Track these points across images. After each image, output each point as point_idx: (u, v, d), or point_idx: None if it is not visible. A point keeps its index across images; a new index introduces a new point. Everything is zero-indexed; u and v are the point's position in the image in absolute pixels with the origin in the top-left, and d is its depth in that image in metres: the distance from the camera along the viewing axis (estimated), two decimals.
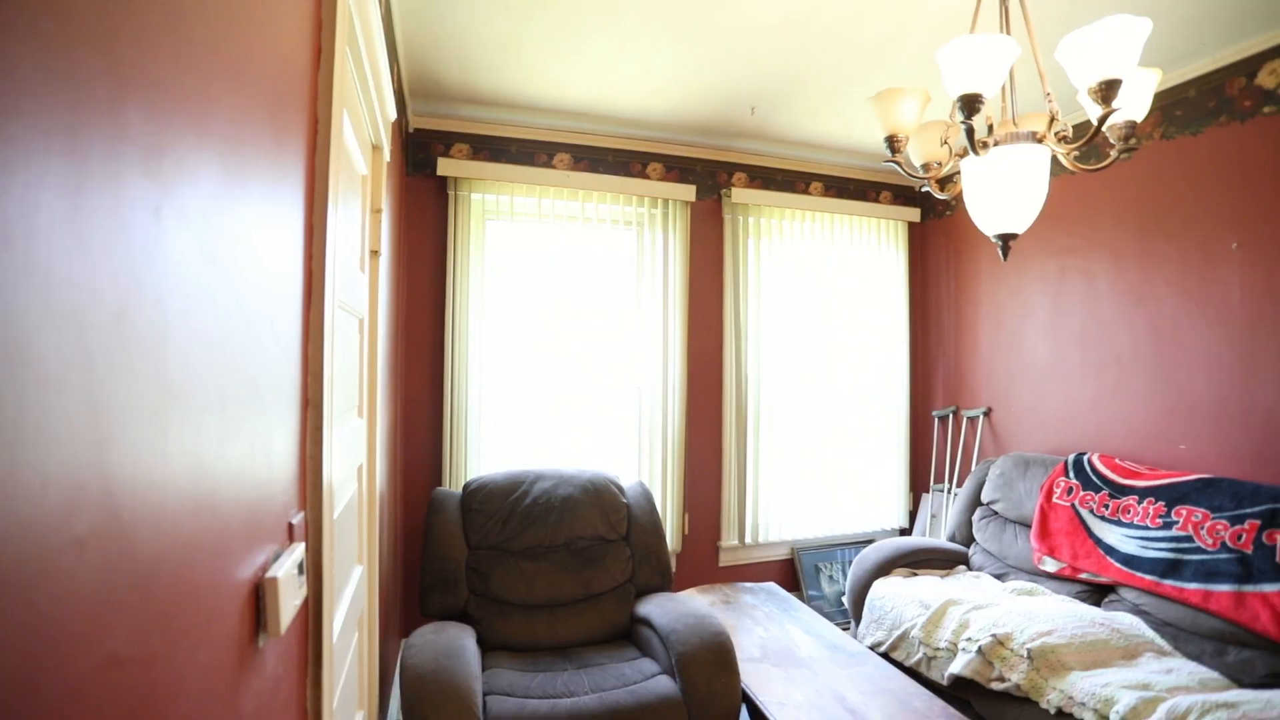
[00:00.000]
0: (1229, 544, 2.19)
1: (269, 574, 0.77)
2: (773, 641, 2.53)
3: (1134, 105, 1.47)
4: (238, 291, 0.69)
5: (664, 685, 2.11)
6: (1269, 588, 2.05)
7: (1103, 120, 1.31)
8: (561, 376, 3.33)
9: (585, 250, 3.37)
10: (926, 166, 1.68)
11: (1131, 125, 1.50)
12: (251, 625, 0.73)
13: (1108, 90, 1.27)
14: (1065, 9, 2.16)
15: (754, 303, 3.65)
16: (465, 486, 2.74)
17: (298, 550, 0.89)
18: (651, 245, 3.47)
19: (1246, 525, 2.17)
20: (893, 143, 1.52)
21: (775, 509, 3.71)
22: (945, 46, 1.35)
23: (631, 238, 3.49)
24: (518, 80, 2.81)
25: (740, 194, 3.60)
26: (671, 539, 3.46)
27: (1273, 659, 2.04)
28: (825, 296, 3.83)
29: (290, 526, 0.90)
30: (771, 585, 3.10)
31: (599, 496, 2.74)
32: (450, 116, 3.17)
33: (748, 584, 3.15)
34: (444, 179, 3.18)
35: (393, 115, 1.86)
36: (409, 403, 3.16)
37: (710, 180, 3.66)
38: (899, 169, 1.57)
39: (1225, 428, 2.55)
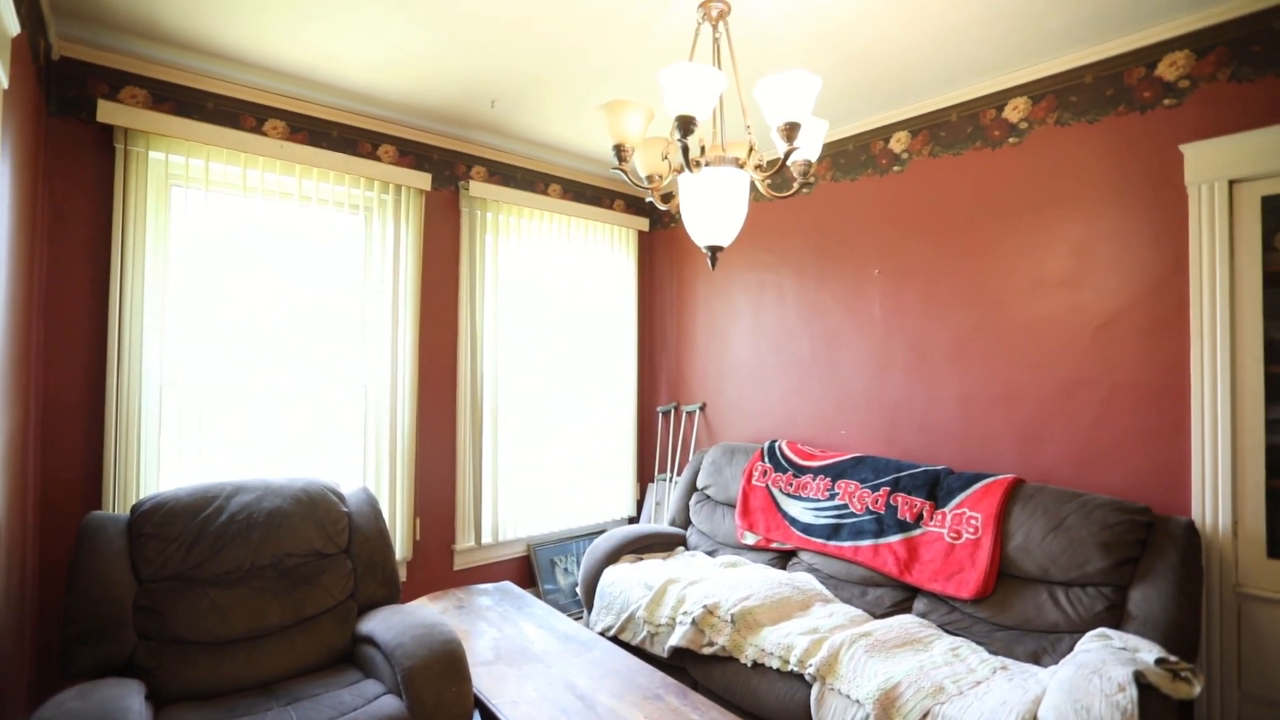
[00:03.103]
0: (870, 508, 2.76)
1: None
2: (506, 641, 2.52)
3: (809, 147, 1.77)
4: None
5: (388, 706, 1.96)
6: (893, 538, 2.63)
7: (787, 155, 1.55)
8: (274, 374, 2.91)
9: (303, 233, 2.99)
10: (650, 178, 1.82)
11: (808, 163, 1.81)
12: None
13: (790, 130, 1.50)
14: (763, 57, 2.53)
15: (491, 299, 3.60)
16: (135, 508, 2.23)
17: None
18: (381, 233, 3.22)
19: (881, 492, 2.76)
20: (620, 152, 1.62)
21: (512, 507, 3.71)
22: (667, 69, 1.47)
23: (359, 223, 3.20)
24: (217, 23, 2.38)
25: (479, 188, 3.52)
26: (401, 547, 3.24)
27: (895, 593, 2.63)
28: (562, 297, 3.94)
29: None
30: (507, 584, 3.09)
31: (314, 507, 2.45)
32: (119, 51, 2.56)
33: (483, 585, 3.09)
34: (108, 128, 2.56)
35: (14, 28, 1.44)
36: (51, 406, 2.48)
37: (448, 170, 3.52)
38: (625, 177, 1.68)
39: (870, 416, 3.22)
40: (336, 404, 3.12)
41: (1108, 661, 1.81)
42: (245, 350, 2.85)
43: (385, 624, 2.24)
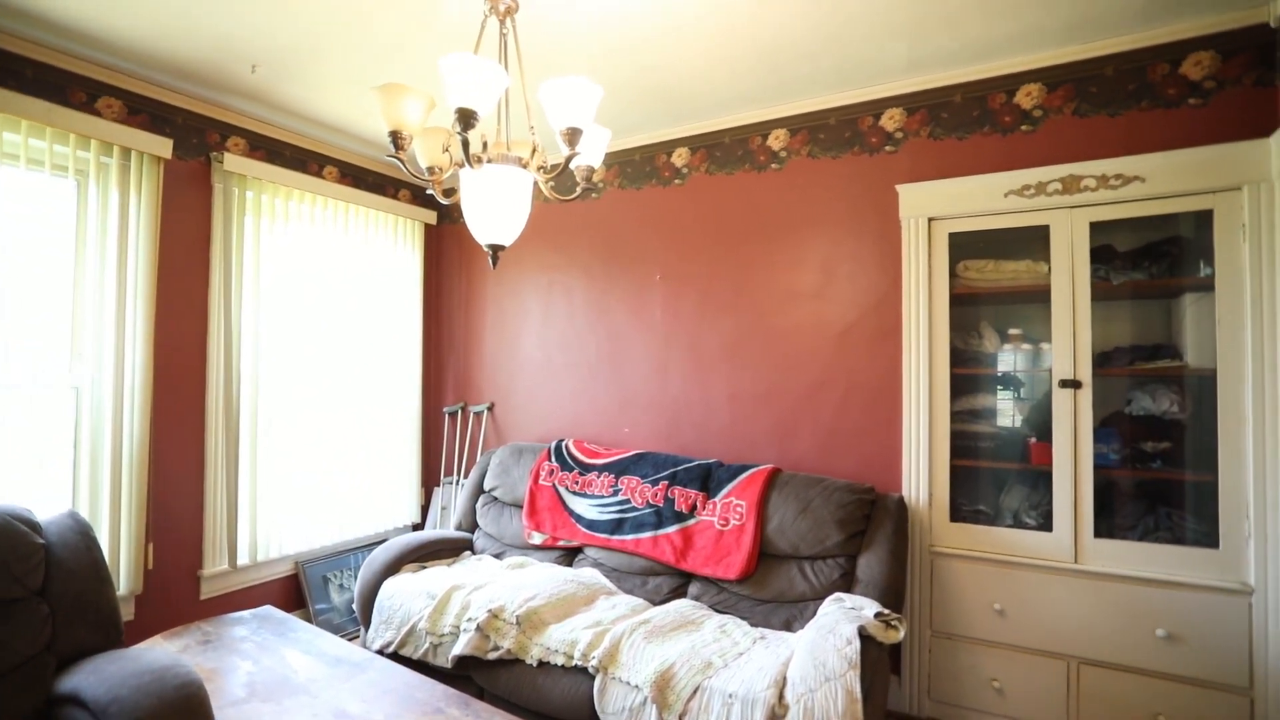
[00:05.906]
0: (650, 501, 2.92)
1: None
2: (264, 674, 2.24)
3: (591, 153, 1.83)
4: None
5: None
6: (670, 529, 2.81)
7: (569, 160, 1.58)
8: None
9: None
10: (431, 170, 1.74)
11: (590, 169, 1.86)
12: None
13: (572, 135, 1.53)
14: (552, 61, 2.55)
15: (252, 290, 3.17)
16: None
17: None
18: (102, 204, 2.68)
19: (660, 486, 2.94)
20: (396, 139, 1.52)
21: (276, 521, 3.31)
22: (447, 57, 1.41)
23: (69, 189, 2.63)
24: None
25: (236, 162, 3.08)
26: (127, 579, 2.73)
27: (673, 580, 2.81)
28: (338, 291, 3.60)
29: None
30: (267, 609, 2.75)
31: None
32: None
33: (239, 614, 2.71)
34: None
35: None
36: None
37: (197, 138, 3.04)
38: (402, 166, 1.59)
39: (652, 414, 3.40)
40: (33, 412, 2.53)
41: (840, 621, 2.12)
42: None
43: (96, 677, 1.86)
